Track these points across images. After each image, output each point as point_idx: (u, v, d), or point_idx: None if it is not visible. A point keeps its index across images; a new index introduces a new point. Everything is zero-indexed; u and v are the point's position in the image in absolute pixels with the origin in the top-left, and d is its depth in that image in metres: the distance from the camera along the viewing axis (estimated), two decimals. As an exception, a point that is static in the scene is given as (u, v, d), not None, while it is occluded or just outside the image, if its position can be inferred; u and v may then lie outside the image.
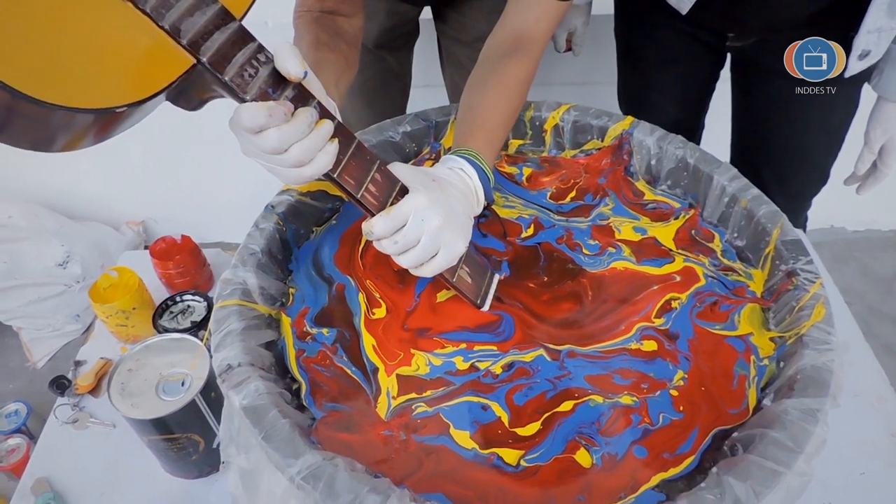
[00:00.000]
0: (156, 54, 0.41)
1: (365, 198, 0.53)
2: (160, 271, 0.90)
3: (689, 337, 0.60)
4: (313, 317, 0.62)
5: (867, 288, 1.64)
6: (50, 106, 0.35)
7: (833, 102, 0.89)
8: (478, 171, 0.62)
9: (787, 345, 0.57)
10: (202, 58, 0.42)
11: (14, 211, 1.57)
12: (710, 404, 0.55)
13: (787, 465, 0.46)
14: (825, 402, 0.50)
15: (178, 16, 0.41)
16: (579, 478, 0.50)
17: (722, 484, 0.45)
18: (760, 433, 0.49)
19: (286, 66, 0.46)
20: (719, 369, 0.58)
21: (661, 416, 0.55)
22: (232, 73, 0.44)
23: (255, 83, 0.46)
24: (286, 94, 0.48)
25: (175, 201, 1.73)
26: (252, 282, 0.60)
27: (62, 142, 0.40)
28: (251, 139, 0.47)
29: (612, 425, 0.54)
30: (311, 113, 0.48)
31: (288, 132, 0.47)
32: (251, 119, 0.45)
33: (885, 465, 0.67)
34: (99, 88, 0.38)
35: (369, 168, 0.53)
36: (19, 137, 0.39)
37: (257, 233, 0.65)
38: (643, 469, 0.51)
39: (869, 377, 0.76)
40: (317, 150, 0.49)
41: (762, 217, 0.66)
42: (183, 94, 0.45)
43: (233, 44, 0.44)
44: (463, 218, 0.58)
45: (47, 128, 0.38)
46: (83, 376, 0.82)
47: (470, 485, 0.49)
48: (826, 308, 0.57)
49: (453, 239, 0.56)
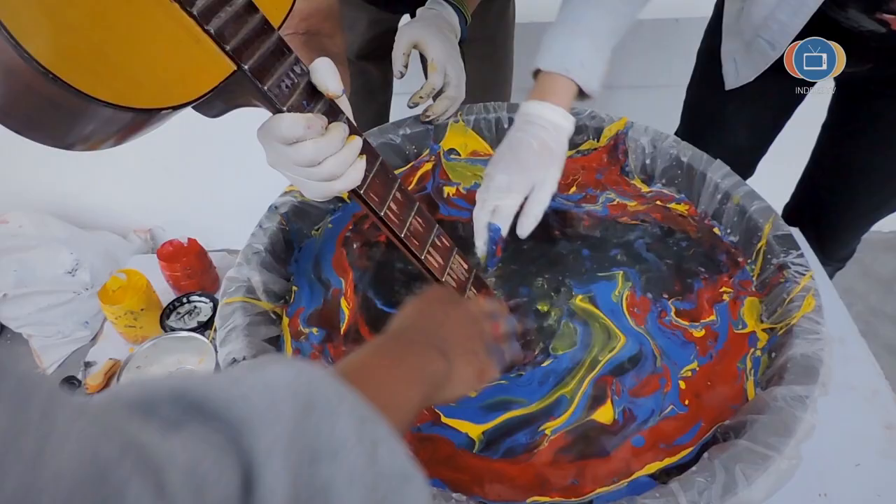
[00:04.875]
0: (198, 59, 0.41)
1: (388, 216, 0.52)
2: (167, 273, 0.91)
3: (725, 337, 0.62)
4: (306, 317, 0.64)
5: (868, 289, 1.65)
6: (96, 102, 0.35)
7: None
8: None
9: (778, 335, 0.59)
10: (245, 65, 0.43)
11: (24, 220, 1.59)
12: (715, 400, 0.56)
13: (776, 450, 0.47)
14: (814, 390, 0.51)
15: (223, 22, 0.42)
16: (573, 464, 0.51)
17: (713, 468, 0.46)
18: (751, 419, 0.50)
19: (325, 82, 0.47)
20: (728, 365, 0.59)
21: (670, 406, 0.56)
22: (271, 82, 0.44)
23: (292, 95, 0.46)
24: (320, 107, 0.48)
25: (182, 209, 1.75)
26: (256, 279, 0.62)
27: (90, 141, 0.41)
28: (285, 150, 0.47)
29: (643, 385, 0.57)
30: (343, 128, 0.48)
31: (323, 145, 0.46)
32: (290, 129, 0.45)
33: (880, 456, 0.68)
34: (143, 88, 0.38)
35: (392, 186, 0.54)
36: (50, 133, 0.39)
37: (261, 232, 0.67)
38: (638, 457, 0.52)
39: (864, 371, 0.77)
40: (348, 164, 0.48)
41: (754, 213, 0.67)
42: (215, 100, 0.45)
43: (272, 54, 0.45)
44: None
45: (83, 124, 0.38)
46: (93, 376, 0.84)
47: (465, 469, 0.50)
48: (816, 299, 0.59)
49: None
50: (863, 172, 0.95)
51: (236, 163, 1.54)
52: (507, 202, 0.62)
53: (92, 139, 0.41)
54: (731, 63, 0.91)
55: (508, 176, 0.62)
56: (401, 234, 0.53)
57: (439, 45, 0.74)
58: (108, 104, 0.36)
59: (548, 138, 0.63)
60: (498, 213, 0.62)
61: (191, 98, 0.41)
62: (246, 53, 0.43)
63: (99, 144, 0.42)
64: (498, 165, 0.63)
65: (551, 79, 0.64)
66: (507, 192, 0.62)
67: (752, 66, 0.85)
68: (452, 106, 0.78)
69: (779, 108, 1.00)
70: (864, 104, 0.89)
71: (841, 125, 0.97)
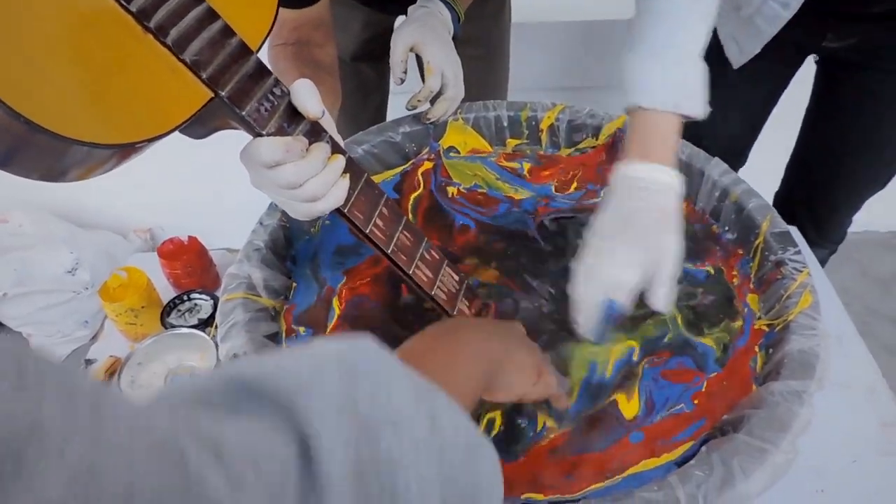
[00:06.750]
0: (175, 88, 0.41)
1: (373, 233, 0.52)
2: (168, 271, 0.92)
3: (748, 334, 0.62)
4: (297, 315, 0.64)
5: (866, 288, 1.65)
6: (68, 140, 0.35)
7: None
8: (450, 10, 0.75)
9: (776, 332, 0.59)
10: (221, 92, 0.42)
11: (24, 219, 1.60)
12: (725, 399, 0.56)
13: (773, 444, 0.47)
14: (811, 385, 0.52)
15: (199, 49, 0.41)
16: (567, 459, 0.52)
17: (711, 461, 0.47)
18: (748, 414, 0.51)
19: (305, 105, 0.47)
20: (742, 363, 0.59)
21: (681, 404, 0.56)
22: (250, 107, 0.44)
23: (272, 118, 0.46)
24: (300, 128, 0.47)
25: (182, 209, 1.75)
26: (257, 276, 0.63)
27: (75, 174, 0.40)
28: (266, 173, 0.47)
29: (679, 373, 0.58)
30: (325, 148, 0.48)
31: (304, 167, 0.46)
32: (269, 154, 0.45)
33: (876, 453, 0.68)
34: (118, 123, 0.38)
35: (377, 202, 0.53)
36: (30, 168, 0.38)
37: (262, 229, 0.67)
38: (634, 453, 0.53)
39: (861, 369, 0.77)
40: (330, 185, 0.48)
41: (752, 210, 0.68)
42: (195, 125, 0.44)
43: (250, 77, 0.44)
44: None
45: (62, 160, 0.37)
46: (94, 373, 0.84)
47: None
48: (813, 296, 0.59)
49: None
50: (853, 147, 0.97)
51: (236, 162, 1.54)
52: (627, 278, 0.55)
53: (74, 173, 0.40)
54: (732, 44, 0.91)
55: (628, 250, 0.55)
56: (387, 251, 0.53)
57: (436, 47, 0.74)
58: (79, 142, 0.35)
59: (664, 203, 0.57)
60: (615, 290, 0.56)
61: (167, 129, 0.40)
62: (223, 80, 0.43)
63: (87, 175, 0.41)
64: (612, 236, 0.57)
65: (653, 118, 0.57)
66: (625, 266, 0.55)
67: (757, 38, 0.85)
68: (452, 105, 0.78)
69: (768, 92, 1.02)
70: (848, 79, 0.91)
71: (827, 102, 0.99)
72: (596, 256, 0.57)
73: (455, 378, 0.36)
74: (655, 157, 0.57)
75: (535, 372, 0.48)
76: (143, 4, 0.40)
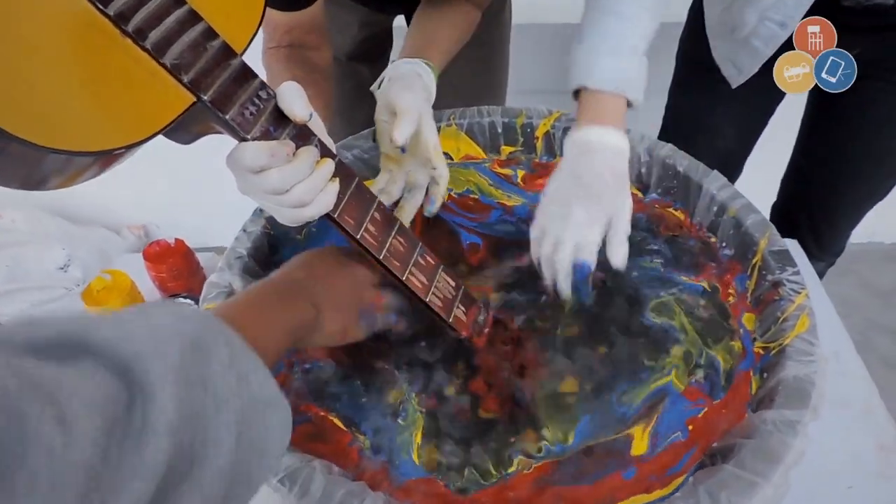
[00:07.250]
0: (155, 93, 0.39)
1: (364, 238, 0.50)
2: (153, 274, 0.90)
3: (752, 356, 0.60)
4: None
5: (866, 301, 1.63)
6: (44, 149, 0.33)
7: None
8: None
9: (771, 355, 0.57)
10: (203, 96, 0.41)
11: (17, 215, 1.59)
12: (719, 425, 0.54)
13: (764, 477, 0.45)
14: (805, 415, 0.50)
15: (179, 52, 0.40)
16: (551, 489, 0.50)
17: (697, 494, 0.45)
18: (739, 443, 0.49)
19: (292, 108, 0.45)
20: (741, 388, 0.57)
21: (676, 432, 0.54)
22: (233, 111, 0.43)
23: (257, 122, 0.44)
24: (287, 132, 0.46)
25: (176, 206, 1.74)
26: (238, 285, 0.61)
27: (56, 182, 0.38)
28: (252, 178, 0.45)
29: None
30: (312, 152, 0.47)
31: (290, 172, 0.45)
32: (253, 159, 0.44)
33: (873, 478, 0.66)
34: (97, 130, 0.36)
35: (369, 207, 0.52)
36: (7, 177, 0.37)
37: (245, 236, 0.65)
38: (625, 488, 0.51)
39: (858, 388, 0.75)
40: (318, 190, 0.47)
41: (750, 226, 0.66)
42: (179, 129, 0.43)
43: (234, 81, 0.43)
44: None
45: (39, 169, 0.36)
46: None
47: (442, 497, 0.49)
48: (811, 319, 0.57)
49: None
50: (852, 158, 0.95)
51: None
52: (591, 238, 0.58)
53: (54, 181, 0.38)
54: (728, 65, 0.90)
55: (586, 209, 0.58)
56: (379, 256, 0.51)
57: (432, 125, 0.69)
58: (56, 150, 0.34)
59: (616, 164, 0.60)
60: (581, 249, 0.58)
61: (147, 135, 0.39)
62: (205, 83, 0.41)
63: (69, 183, 0.39)
64: (568, 199, 0.59)
65: (600, 98, 0.61)
66: (588, 226, 0.58)
67: (755, 59, 0.84)
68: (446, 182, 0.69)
69: (764, 105, 1.01)
70: (848, 89, 0.89)
71: (825, 113, 0.97)
72: (561, 221, 0.59)
73: (261, 343, 0.39)
74: (606, 122, 0.61)
75: (339, 336, 0.52)
76: (120, 8, 0.38)
